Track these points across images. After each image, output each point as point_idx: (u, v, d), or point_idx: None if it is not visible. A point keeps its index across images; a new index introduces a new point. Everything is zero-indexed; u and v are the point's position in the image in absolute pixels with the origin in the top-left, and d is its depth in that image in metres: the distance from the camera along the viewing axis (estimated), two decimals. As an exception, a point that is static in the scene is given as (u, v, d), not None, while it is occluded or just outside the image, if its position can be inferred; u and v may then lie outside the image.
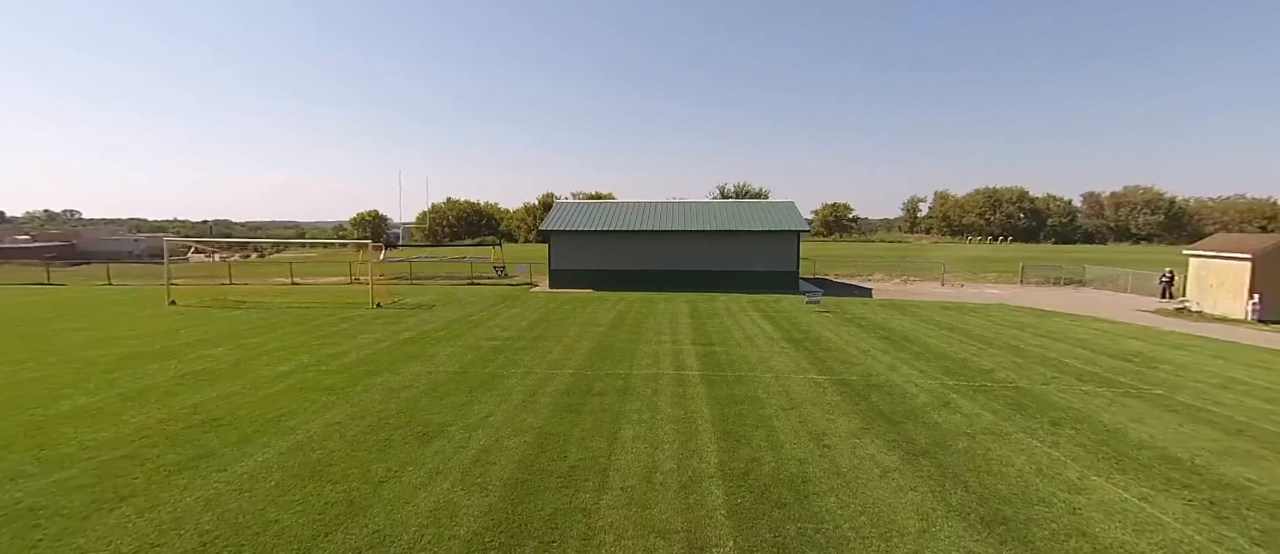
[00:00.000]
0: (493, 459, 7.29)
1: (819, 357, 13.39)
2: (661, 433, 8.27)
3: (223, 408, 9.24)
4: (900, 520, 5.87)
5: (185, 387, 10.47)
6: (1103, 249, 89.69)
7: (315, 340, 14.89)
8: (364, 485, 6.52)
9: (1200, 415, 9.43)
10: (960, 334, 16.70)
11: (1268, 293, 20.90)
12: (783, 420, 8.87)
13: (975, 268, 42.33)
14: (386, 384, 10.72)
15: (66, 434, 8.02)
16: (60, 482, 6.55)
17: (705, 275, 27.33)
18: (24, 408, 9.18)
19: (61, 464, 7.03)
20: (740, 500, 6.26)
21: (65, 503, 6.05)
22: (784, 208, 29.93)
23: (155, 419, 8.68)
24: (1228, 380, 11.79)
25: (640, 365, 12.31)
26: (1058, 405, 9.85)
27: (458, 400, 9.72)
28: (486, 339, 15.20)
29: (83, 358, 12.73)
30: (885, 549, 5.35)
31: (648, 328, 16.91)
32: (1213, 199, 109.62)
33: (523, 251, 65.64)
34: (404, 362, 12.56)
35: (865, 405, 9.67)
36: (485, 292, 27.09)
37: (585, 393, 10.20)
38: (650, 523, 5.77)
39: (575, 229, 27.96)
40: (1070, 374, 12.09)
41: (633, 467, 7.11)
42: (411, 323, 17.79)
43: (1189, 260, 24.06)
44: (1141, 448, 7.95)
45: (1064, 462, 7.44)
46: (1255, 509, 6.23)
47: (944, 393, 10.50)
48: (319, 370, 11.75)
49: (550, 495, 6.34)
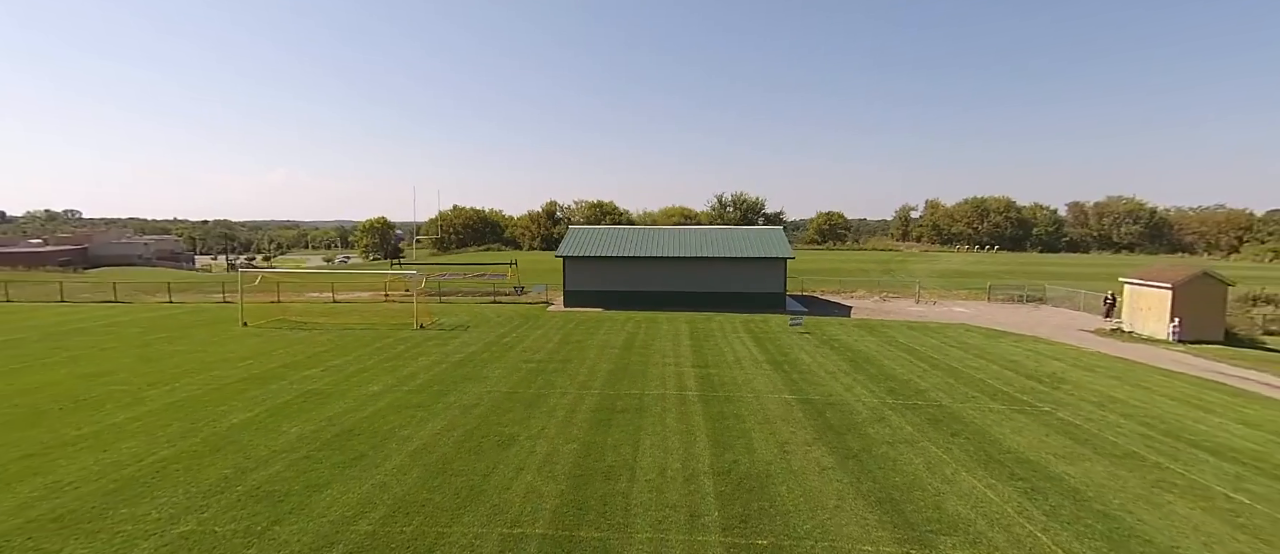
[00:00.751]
0: (555, 460, 10.55)
1: (793, 378, 16.65)
2: (670, 442, 11.53)
3: (348, 422, 12.49)
4: (825, 501, 9.13)
5: (309, 404, 13.72)
6: (1085, 258, 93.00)
7: (386, 363, 18.13)
8: (474, 477, 9.78)
9: (1066, 428, 12.70)
10: (913, 356, 19.98)
11: (1186, 318, 24.22)
12: (758, 432, 12.13)
13: (951, 283, 45.62)
14: (459, 403, 13.97)
15: (254, 441, 11.27)
16: (273, 474, 9.80)
17: (703, 296, 30.60)
18: (209, 421, 12.43)
19: (264, 462, 10.28)
20: (723, 488, 9.51)
21: (287, 488, 9.29)
22: (773, 235, 33.21)
23: (306, 430, 11.93)
24: (1107, 399, 15.07)
25: (651, 386, 15.57)
26: (963, 420, 13.12)
27: (517, 416, 12.97)
28: (524, 361, 18.46)
29: (215, 378, 15.97)
30: (810, 518, 8.61)
31: (654, 351, 20.17)
32: (1192, 209, 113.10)
33: (528, 259, 68.60)
34: (465, 382, 15.81)
35: (820, 421, 12.93)
36: (507, 310, 30.33)
37: (611, 410, 13.46)
38: (664, 502, 9.02)
39: (587, 255, 31.23)
40: (986, 394, 15.37)
41: (651, 466, 10.36)
42: (456, 345, 21.04)
43: (1124, 286, 27.37)
44: (1007, 453, 11.22)
45: (948, 462, 10.71)
46: (1058, 494, 9.49)
47: (882, 410, 13.77)
48: (401, 390, 14.99)
49: (598, 484, 9.59)
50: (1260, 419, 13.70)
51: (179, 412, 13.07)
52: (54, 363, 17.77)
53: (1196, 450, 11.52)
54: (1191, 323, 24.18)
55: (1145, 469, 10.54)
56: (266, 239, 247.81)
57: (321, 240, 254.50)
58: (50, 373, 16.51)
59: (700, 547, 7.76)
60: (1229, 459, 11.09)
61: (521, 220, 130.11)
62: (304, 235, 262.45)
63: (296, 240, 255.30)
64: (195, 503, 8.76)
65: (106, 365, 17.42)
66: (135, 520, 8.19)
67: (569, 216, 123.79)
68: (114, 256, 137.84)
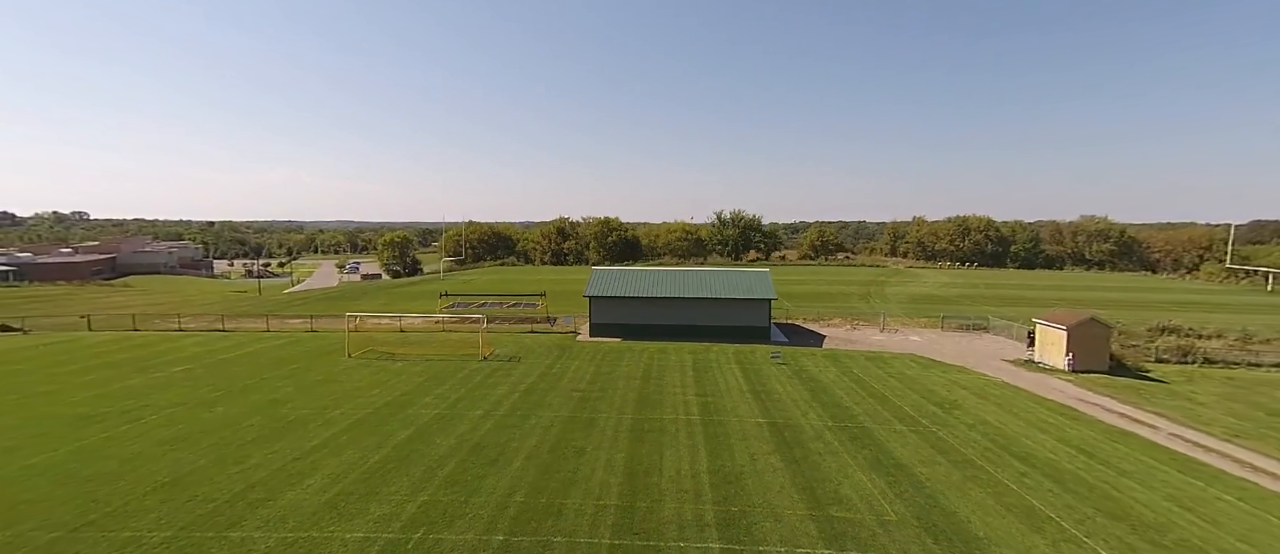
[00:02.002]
0: (613, 463, 17.17)
1: (766, 405, 23.26)
2: (681, 452, 18.14)
3: (474, 438, 19.09)
4: (772, 487, 15.73)
5: (443, 426, 20.31)
6: (1058, 276, 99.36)
7: (474, 393, 24.73)
8: (567, 472, 16.39)
9: (937, 443, 19.29)
10: (859, 385, 26.58)
11: (1078, 353, 30.78)
12: (738, 446, 18.74)
13: (917, 310, 52.13)
14: (539, 425, 20.58)
15: (423, 450, 17.87)
16: (450, 471, 16.39)
17: (704, 329, 37.20)
18: (385, 436, 19.02)
19: (440, 463, 16.87)
20: (714, 480, 16.12)
21: (463, 478, 15.88)
22: (759, 278, 39.82)
23: (451, 444, 18.52)
24: (979, 421, 21.65)
25: (667, 412, 22.19)
26: (873, 437, 19.72)
27: (582, 434, 19.58)
28: (573, 390, 25.06)
29: (364, 405, 22.55)
30: (762, 497, 15.19)
31: (667, 382, 26.78)
32: (1159, 225, 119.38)
33: (542, 274, 74.41)
34: (537, 409, 22.42)
35: (779, 438, 19.54)
36: (545, 340, 36.93)
37: (642, 431, 20.07)
38: (680, 488, 15.63)
39: (609, 295, 37.87)
40: (898, 417, 21.96)
41: (670, 467, 16.98)
42: (518, 375, 27.65)
43: (1037, 325, 33.93)
44: (891, 459, 17.82)
45: (851, 465, 17.31)
46: (907, 483, 16.08)
47: (821, 430, 20.38)
48: (496, 415, 21.60)
49: (641, 477, 16.20)
50: (1073, 437, 20.29)
51: (361, 430, 19.72)
52: (238, 392, 24.43)
53: (1011, 458, 18.12)
54: (1083, 356, 30.75)
55: (970, 469, 17.15)
56: (276, 243, 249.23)
57: (329, 245, 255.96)
58: (246, 399, 23.19)
59: (702, 511, 14.38)
60: (1028, 464, 17.69)
61: (533, 235, 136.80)
62: (312, 240, 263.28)
63: (305, 245, 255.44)
64: (418, 485, 15.40)
65: (279, 394, 24.08)
66: (393, 496, 14.83)
67: (577, 231, 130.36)
68: (141, 266, 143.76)
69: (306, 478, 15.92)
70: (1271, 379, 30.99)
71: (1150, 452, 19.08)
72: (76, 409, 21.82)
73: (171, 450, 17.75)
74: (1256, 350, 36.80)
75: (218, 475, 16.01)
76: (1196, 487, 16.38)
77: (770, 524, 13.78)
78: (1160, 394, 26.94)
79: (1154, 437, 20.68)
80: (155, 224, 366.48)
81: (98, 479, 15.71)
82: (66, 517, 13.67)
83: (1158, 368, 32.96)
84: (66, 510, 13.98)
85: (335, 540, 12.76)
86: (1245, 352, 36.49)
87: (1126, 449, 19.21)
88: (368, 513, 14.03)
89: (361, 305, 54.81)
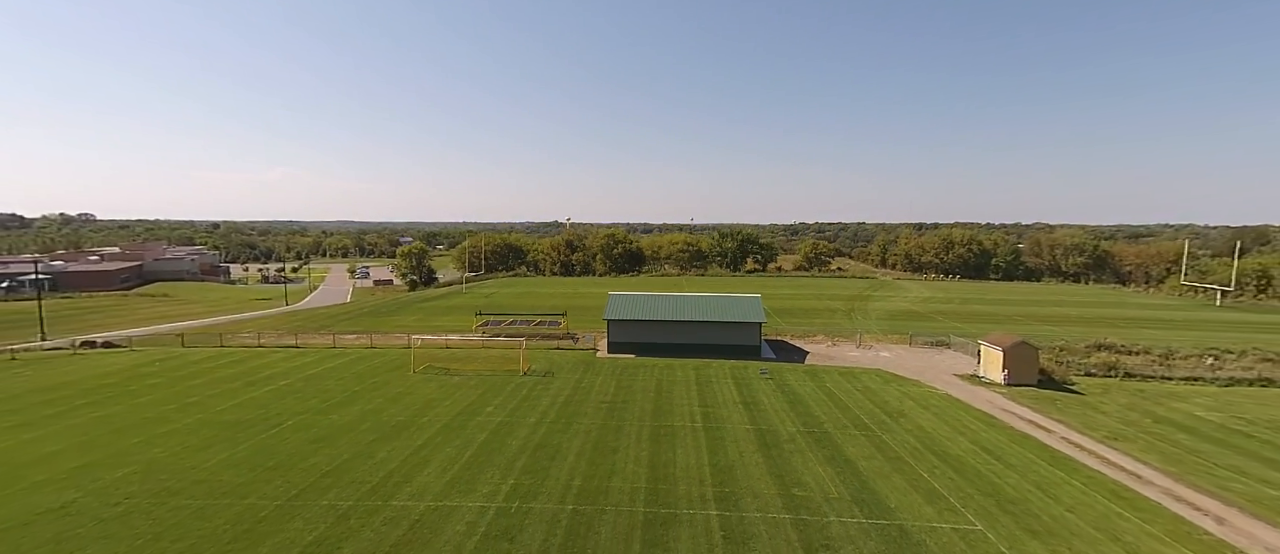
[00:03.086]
0: (640, 458, 23.52)
1: (754, 415, 29.58)
2: (689, 451, 24.48)
3: (534, 440, 25.41)
4: (754, 475, 22.07)
5: (508, 431, 26.62)
6: (1033, 288, 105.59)
7: (524, 404, 31.00)
8: (608, 465, 22.73)
9: (879, 443, 25.60)
10: (829, 397, 32.88)
11: (1012, 369, 37.10)
12: (731, 446, 25.07)
13: (891, 327, 58.44)
14: (580, 430, 26.90)
15: (500, 447, 24.22)
16: (525, 462, 22.73)
17: (705, 347, 43.52)
18: (469, 437, 25.36)
19: (515, 457, 23.23)
20: (714, 472, 22.45)
21: (536, 467, 22.22)
22: (751, 304, 46.17)
23: (517, 445, 24.84)
24: (917, 427, 27.95)
25: (676, 420, 28.52)
26: (832, 440, 26.03)
27: (613, 438, 25.91)
28: (602, 402, 31.35)
29: (443, 414, 28.85)
30: (747, 482, 21.52)
31: (676, 395, 33.09)
32: (1130, 242, 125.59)
33: (554, 287, 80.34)
34: (576, 417, 28.73)
35: (761, 440, 25.86)
36: (570, 356, 43.21)
37: (658, 434, 26.40)
38: (691, 477, 21.98)
39: (624, 318, 44.23)
40: (854, 424, 28.28)
41: (682, 462, 23.33)
42: (556, 389, 33.93)
43: (981, 346, 40.24)
44: (841, 455, 24.14)
45: (812, 460, 23.65)
46: (850, 473, 22.40)
47: (794, 434, 26.69)
48: (546, 423, 27.90)
49: (661, 469, 22.55)
50: (984, 439, 26.59)
51: (449, 433, 26.07)
52: (342, 403, 30.74)
53: (931, 455, 24.44)
54: (1016, 373, 37.09)
55: (898, 463, 23.47)
56: (284, 247, 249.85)
57: (336, 248, 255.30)
58: (352, 409, 29.52)
59: (705, 491, 20.71)
60: (941, 460, 24.00)
61: (542, 246, 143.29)
62: (319, 243, 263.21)
63: (312, 248, 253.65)
64: (504, 473, 21.74)
65: (374, 404, 30.40)
66: (490, 480, 21.16)
67: (584, 243, 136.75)
68: (165, 273, 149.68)
69: (425, 467, 22.26)
70: (1174, 391, 37.35)
71: (1037, 450, 25.43)
72: (227, 416, 28.19)
73: (319, 448, 24.12)
74: (1172, 365, 43.13)
75: (361, 466, 22.37)
76: (1058, 475, 22.72)
77: (750, 499, 20.11)
78: (1072, 404, 33.29)
79: (1047, 439, 27.02)
80: (159, 224, 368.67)
81: (279, 468, 22.07)
82: (275, 493, 20.02)
83: (1084, 381, 39.25)
84: (272, 489, 20.33)
85: (462, 508, 19.09)
86: (1161, 367, 42.81)
87: (1020, 449, 25.56)
88: (476, 490, 20.36)
89: (401, 321, 61.19)
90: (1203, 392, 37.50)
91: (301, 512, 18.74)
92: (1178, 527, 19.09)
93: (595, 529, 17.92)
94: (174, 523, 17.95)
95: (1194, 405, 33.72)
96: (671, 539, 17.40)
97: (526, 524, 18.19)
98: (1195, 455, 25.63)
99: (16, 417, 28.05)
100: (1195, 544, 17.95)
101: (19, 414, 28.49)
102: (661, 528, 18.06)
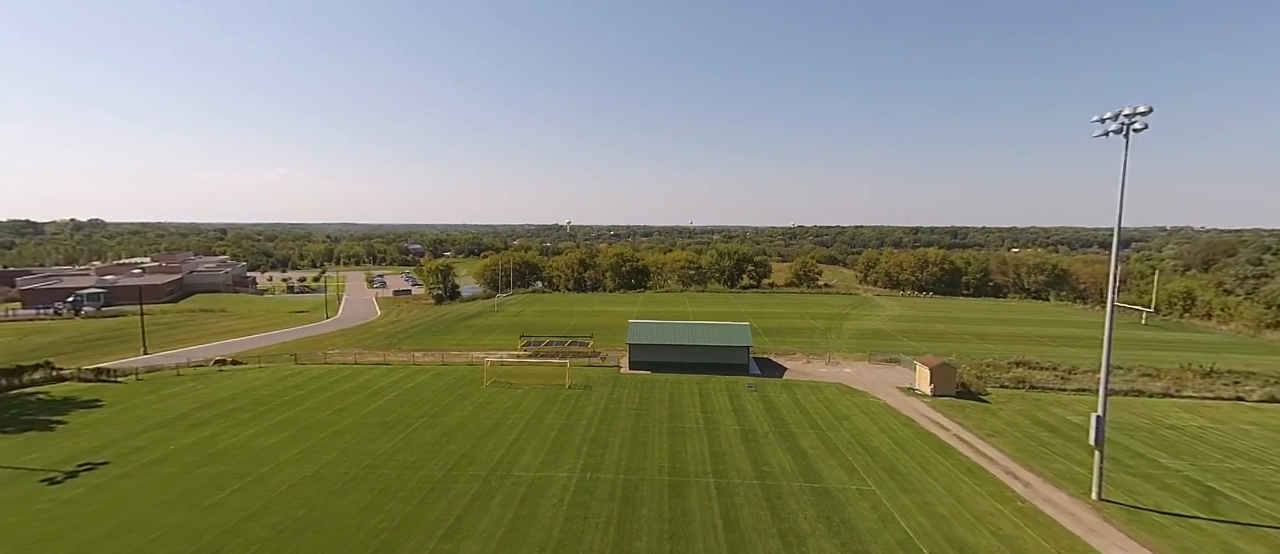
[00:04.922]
0: (662, 449, 34.88)
1: (740, 419, 40.91)
2: (694, 443, 35.84)
3: (589, 434, 36.71)
4: (737, 457, 33.44)
5: (570, 431, 37.90)
6: (995, 304, 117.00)
7: (574, 411, 42.27)
8: (642, 454, 34.09)
9: (825, 439, 36.94)
10: (797, 405, 44.17)
11: (937, 383, 48.45)
12: (724, 441, 36.42)
13: (860, 345, 69.78)
14: (620, 428, 38.20)
15: (568, 441, 35.57)
16: (587, 450, 34.08)
17: (705, 365, 54.94)
18: (544, 434, 36.66)
19: (579, 446, 34.58)
20: (713, 459, 33.80)
21: (596, 451, 33.55)
22: (741, 330, 57.70)
23: (578, 439, 36.16)
24: (856, 429, 39.28)
25: (686, 422, 39.87)
26: (792, 435, 37.37)
27: (643, 434, 37.23)
28: (630, 410, 42.64)
29: (519, 419, 40.14)
30: (733, 463, 32.87)
31: (684, 404, 44.39)
32: (1084, 258, 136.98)
33: (572, 305, 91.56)
34: (614, 420, 40.02)
35: (745, 437, 37.20)
36: (600, 372, 54.43)
37: (673, 433, 37.75)
38: (696, 459, 33.33)
39: (643, 342, 55.70)
40: (810, 425, 39.61)
41: (690, 453, 34.68)
42: (595, 399, 45.17)
43: (917, 364, 51.58)
44: (798, 447, 35.49)
45: (777, 448, 35.02)
46: (800, 457, 33.74)
47: (768, 433, 38.03)
48: (594, 424, 39.17)
49: (677, 458, 33.90)
50: (899, 436, 37.88)
51: (530, 430, 37.39)
52: (443, 410, 41.99)
53: (858, 447, 35.76)
54: (939, 386, 48.43)
55: (835, 452, 34.82)
56: (298, 254, 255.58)
57: (347, 255, 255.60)
58: (454, 414, 40.78)
59: (704, 467, 32.07)
60: (864, 449, 35.33)
61: (557, 264, 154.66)
62: (331, 250, 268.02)
63: (324, 255, 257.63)
64: (575, 455, 33.09)
65: (467, 411, 41.66)
66: (567, 460, 32.48)
67: (596, 261, 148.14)
68: (201, 285, 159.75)
69: (523, 453, 33.57)
70: (1062, 400, 48.60)
71: (931, 442, 36.75)
72: (373, 419, 39.49)
73: (447, 441, 35.43)
74: (1070, 379, 54.40)
75: (481, 452, 33.68)
76: (936, 458, 34.03)
77: (735, 474, 31.42)
78: (975, 410, 44.61)
79: (943, 436, 38.33)
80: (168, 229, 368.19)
81: (429, 453, 33.35)
82: (437, 468, 31.31)
83: (996, 392, 50.50)
84: (434, 465, 31.62)
85: (556, 477, 30.38)
86: (1061, 380, 54.09)
87: (920, 442, 36.87)
88: (561, 466, 31.68)
89: (454, 340, 72.57)
90: (1087, 401, 48.73)
91: (459, 478, 30.08)
92: (1000, 489, 30.39)
93: (639, 489, 29.25)
94: (387, 483, 29.30)
95: (1069, 411, 44.96)
96: (685, 497, 28.73)
97: (597, 485, 29.52)
98: (1044, 447, 36.88)
99: (228, 420, 39.35)
100: (1001, 498, 29.27)
101: (228, 417, 39.81)
102: (679, 490, 29.39)
